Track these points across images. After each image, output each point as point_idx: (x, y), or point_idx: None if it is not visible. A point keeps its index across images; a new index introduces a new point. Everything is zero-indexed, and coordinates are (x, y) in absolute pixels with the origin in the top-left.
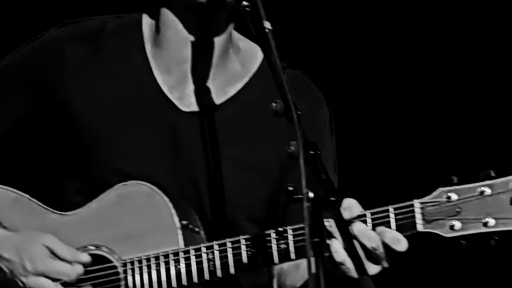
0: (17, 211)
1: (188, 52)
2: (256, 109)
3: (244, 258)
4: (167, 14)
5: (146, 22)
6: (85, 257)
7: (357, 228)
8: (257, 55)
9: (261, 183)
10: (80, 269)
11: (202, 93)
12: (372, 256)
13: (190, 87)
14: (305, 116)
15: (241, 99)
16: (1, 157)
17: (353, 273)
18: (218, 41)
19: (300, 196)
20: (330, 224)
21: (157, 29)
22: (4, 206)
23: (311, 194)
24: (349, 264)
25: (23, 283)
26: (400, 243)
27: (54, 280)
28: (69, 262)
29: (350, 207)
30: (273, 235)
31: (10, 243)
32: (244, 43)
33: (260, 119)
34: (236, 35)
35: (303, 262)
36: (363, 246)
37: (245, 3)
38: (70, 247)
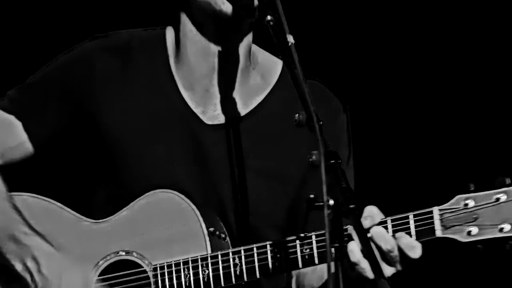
0: (49, 219)
1: (208, 65)
2: (277, 120)
3: (270, 263)
4: (187, 24)
5: (170, 36)
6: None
7: (375, 230)
8: (276, 68)
9: (282, 192)
10: None
11: (225, 106)
12: (387, 258)
13: (213, 100)
14: (324, 124)
15: (263, 111)
16: (34, 165)
17: (369, 274)
18: (239, 54)
19: (321, 203)
20: (348, 228)
21: (178, 41)
22: (37, 214)
23: (331, 202)
24: (364, 264)
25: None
26: (414, 250)
27: None
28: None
29: (372, 215)
30: (298, 241)
31: (51, 262)
32: (263, 55)
33: (281, 130)
34: (254, 47)
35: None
36: (379, 248)
37: (269, 17)
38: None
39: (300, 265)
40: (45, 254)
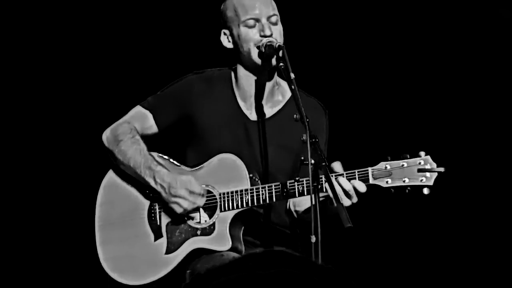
0: (166, 164)
1: (253, 89)
2: (287, 120)
3: (280, 193)
4: (240, 69)
5: (232, 73)
6: (203, 190)
7: (341, 179)
8: (288, 90)
9: (289, 156)
10: (200, 203)
11: (261, 110)
12: (348, 194)
13: (254, 107)
14: (311, 121)
15: (280, 114)
16: (159, 138)
17: (335, 203)
18: (268, 82)
19: (306, 162)
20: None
21: (237, 77)
22: (161, 162)
23: (312, 161)
24: (333, 197)
25: (169, 200)
26: (362, 187)
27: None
28: (198, 195)
29: (337, 166)
30: (296, 183)
31: (170, 175)
32: (282, 82)
33: (289, 124)
34: (279, 79)
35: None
36: (343, 188)
37: (281, 64)
38: (198, 184)
39: (297, 195)
40: (164, 173)
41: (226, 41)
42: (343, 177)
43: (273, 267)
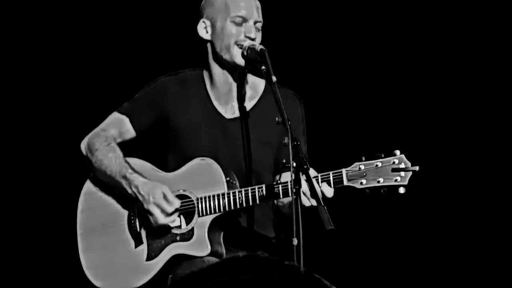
0: (143, 170)
1: (227, 87)
2: (264, 113)
3: (257, 196)
4: (215, 67)
5: (205, 73)
6: (178, 203)
7: (314, 183)
8: (260, 85)
9: (270, 151)
10: (174, 207)
11: (235, 108)
12: (318, 197)
13: (230, 105)
14: (287, 112)
15: (256, 109)
16: (139, 143)
17: (311, 202)
18: (242, 80)
19: (288, 165)
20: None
21: (211, 76)
22: (136, 167)
23: (294, 164)
24: (308, 197)
25: (146, 207)
26: (330, 193)
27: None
28: (170, 203)
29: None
30: (275, 185)
31: (145, 186)
32: (252, 77)
33: (267, 119)
34: (248, 74)
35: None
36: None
37: (263, 67)
38: (173, 195)
39: (274, 197)
40: (139, 181)
41: (203, 32)
42: (318, 179)
43: (254, 272)
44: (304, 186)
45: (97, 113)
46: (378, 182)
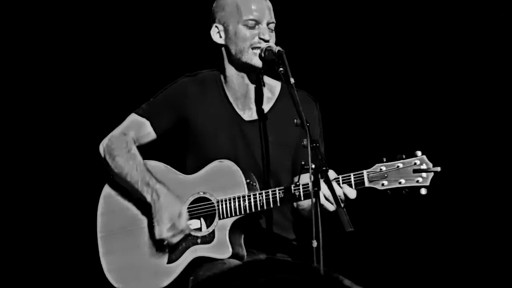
0: (163, 174)
1: (244, 88)
2: (282, 117)
3: (278, 198)
4: (230, 69)
5: (222, 73)
6: (186, 229)
7: (334, 184)
8: (277, 86)
9: (288, 152)
10: (174, 240)
11: (253, 110)
12: (338, 199)
13: (248, 106)
14: (305, 114)
15: (273, 110)
16: (156, 144)
17: (331, 205)
18: (258, 81)
19: (307, 167)
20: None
21: (228, 78)
22: (157, 171)
23: (313, 166)
24: (329, 199)
25: (156, 221)
26: (353, 194)
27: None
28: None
29: (330, 173)
30: (294, 187)
31: (162, 199)
32: (268, 79)
33: (285, 121)
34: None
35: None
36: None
37: (281, 69)
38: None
39: (295, 200)
40: (162, 192)
41: (217, 36)
42: (339, 181)
43: (274, 273)
44: (326, 190)
45: (116, 114)
46: (400, 183)
